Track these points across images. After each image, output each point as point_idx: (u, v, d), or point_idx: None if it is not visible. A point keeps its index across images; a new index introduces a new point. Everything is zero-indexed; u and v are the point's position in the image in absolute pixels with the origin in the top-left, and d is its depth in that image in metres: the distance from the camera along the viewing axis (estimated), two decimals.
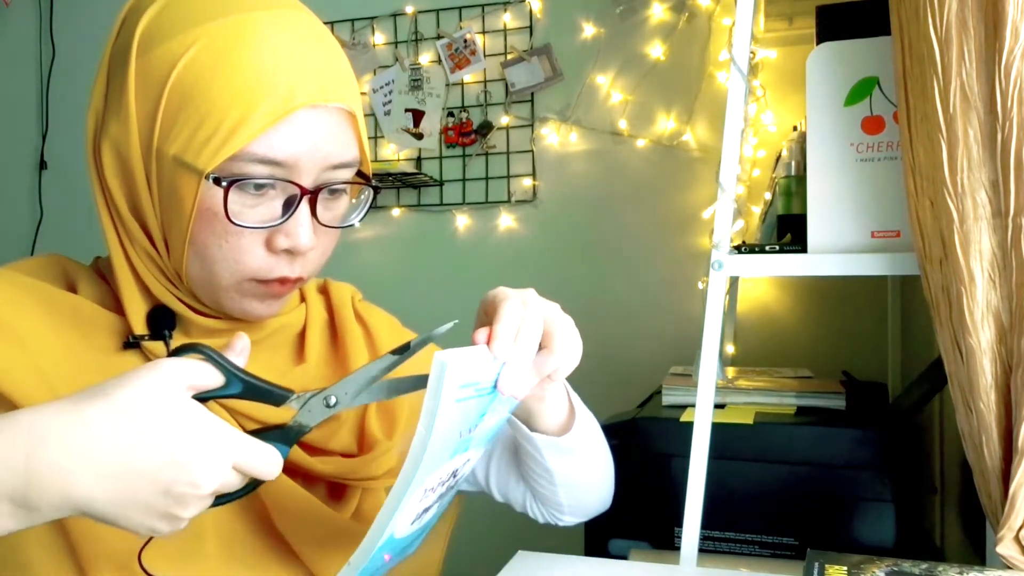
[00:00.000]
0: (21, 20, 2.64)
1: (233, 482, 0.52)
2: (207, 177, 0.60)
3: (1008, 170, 0.74)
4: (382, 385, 0.60)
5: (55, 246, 2.82)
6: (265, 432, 0.56)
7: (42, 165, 2.61)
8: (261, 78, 0.60)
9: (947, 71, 0.76)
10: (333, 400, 0.58)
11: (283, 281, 0.66)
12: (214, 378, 0.54)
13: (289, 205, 0.64)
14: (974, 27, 0.75)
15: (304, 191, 0.63)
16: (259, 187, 0.62)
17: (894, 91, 0.89)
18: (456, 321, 0.62)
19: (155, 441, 0.48)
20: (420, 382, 0.58)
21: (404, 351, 0.59)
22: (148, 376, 0.49)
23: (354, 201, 0.72)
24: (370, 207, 0.72)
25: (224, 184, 0.60)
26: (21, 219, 2.62)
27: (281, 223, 0.63)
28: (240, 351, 0.59)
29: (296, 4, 0.67)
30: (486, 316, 0.64)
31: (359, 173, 0.69)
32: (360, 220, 0.71)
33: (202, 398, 0.53)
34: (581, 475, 0.83)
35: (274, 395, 0.57)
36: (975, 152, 0.76)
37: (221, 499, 0.53)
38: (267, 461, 0.53)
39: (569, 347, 0.66)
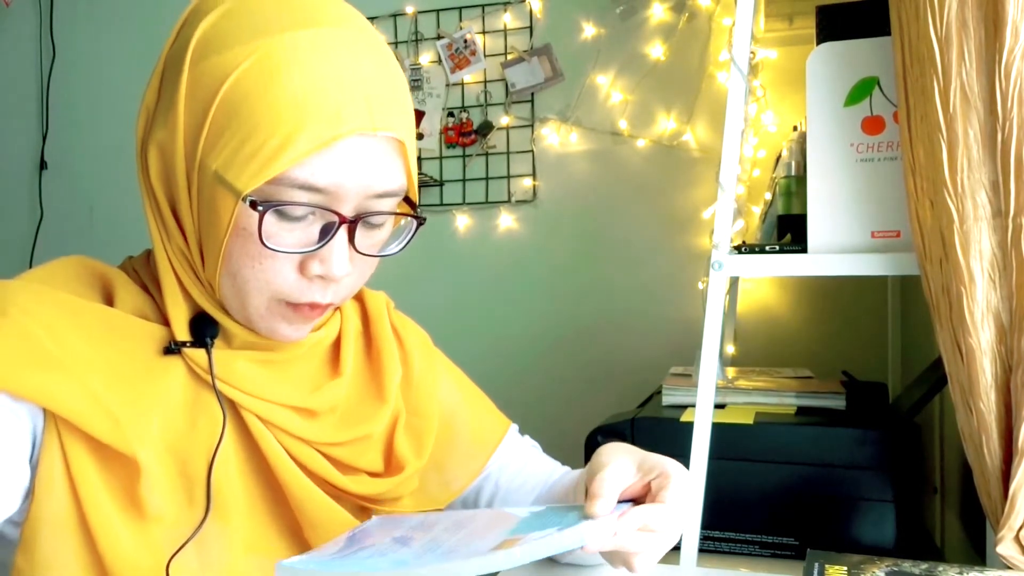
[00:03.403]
0: (21, 20, 2.64)
1: None
2: (244, 199, 0.59)
3: (1008, 170, 0.74)
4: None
5: (55, 246, 2.80)
6: None
7: (42, 165, 2.61)
8: (309, 101, 0.57)
9: (947, 71, 0.76)
10: None
11: (313, 306, 0.65)
12: None
13: (327, 231, 0.62)
14: (974, 27, 0.75)
15: (343, 219, 0.61)
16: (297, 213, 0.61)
17: (894, 91, 0.89)
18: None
19: None
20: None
21: None
22: None
23: (397, 228, 0.69)
24: (412, 237, 0.69)
25: (260, 209, 0.58)
26: (21, 219, 2.62)
27: (316, 249, 0.62)
28: None
29: (359, 23, 0.63)
30: (635, 476, 0.66)
31: (406, 199, 0.67)
32: (400, 250, 0.68)
33: None
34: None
35: None
36: (975, 152, 0.76)
37: None
38: None
39: (654, 557, 0.66)
